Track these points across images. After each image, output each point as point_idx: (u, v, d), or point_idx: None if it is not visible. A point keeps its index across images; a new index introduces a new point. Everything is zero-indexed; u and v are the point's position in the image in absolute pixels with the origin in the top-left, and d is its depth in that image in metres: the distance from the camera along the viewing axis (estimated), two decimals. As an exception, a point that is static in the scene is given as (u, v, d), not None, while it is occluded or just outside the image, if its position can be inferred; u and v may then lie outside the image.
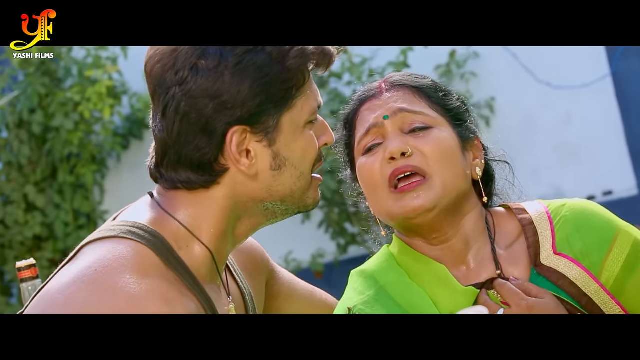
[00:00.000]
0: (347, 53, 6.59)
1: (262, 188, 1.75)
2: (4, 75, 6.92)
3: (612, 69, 6.55)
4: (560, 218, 1.93)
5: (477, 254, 1.93)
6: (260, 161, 1.73)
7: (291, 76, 1.72)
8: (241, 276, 1.93)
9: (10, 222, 6.95)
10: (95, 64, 6.80)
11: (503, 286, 1.87)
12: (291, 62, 1.72)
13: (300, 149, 1.76)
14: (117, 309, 1.58)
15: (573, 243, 1.90)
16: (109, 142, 6.94)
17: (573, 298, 1.87)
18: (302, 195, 1.79)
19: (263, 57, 1.70)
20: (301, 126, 1.76)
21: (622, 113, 6.55)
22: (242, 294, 1.90)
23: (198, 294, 1.71)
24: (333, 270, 6.70)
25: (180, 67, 1.70)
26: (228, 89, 1.69)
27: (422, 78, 1.99)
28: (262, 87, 1.70)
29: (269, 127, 1.72)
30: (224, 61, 1.69)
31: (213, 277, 1.78)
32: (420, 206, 1.87)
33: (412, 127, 1.91)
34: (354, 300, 1.91)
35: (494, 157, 2.02)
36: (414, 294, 1.90)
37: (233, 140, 1.70)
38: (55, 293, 1.63)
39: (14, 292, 7.11)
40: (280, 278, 2.10)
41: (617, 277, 1.88)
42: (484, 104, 6.64)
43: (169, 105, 1.70)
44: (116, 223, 1.74)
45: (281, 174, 1.75)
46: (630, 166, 6.53)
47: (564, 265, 1.89)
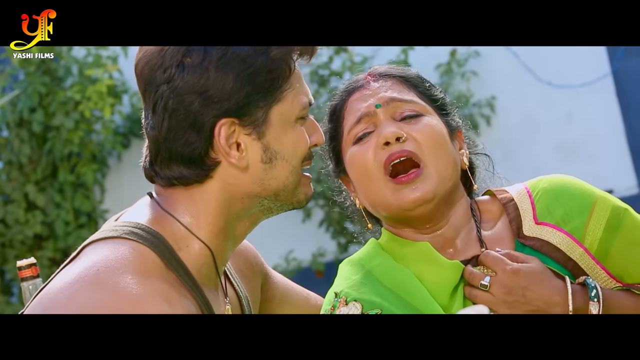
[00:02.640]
0: (347, 52, 6.59)
1: (255, 182, 1.75)
2: (5, 74, 6.92)
3: (612, 68, 6.55)
4: (539, 191, 1.96)
5: (463, 238, 1.95)
6: (251, 154, 1.74)
7: (276, 66, 1.73)
8: (237, 280, 1.94)
9: (11, 221, 6.95)
10: (96, 63, 6.80)
11: (487, 255, 1.89)
12: (275, 52, 1.72)
13: (291, 143, 1.77)
14: (119, 309, 1.58)
15: (553, 211, 1.93)
16: (110, 141, 6.94)
17: (559, 263, 1.89)
18: (294, 190, 1.79)
19: (246, 49, 1.72)
20: (292, 120, 1.76)
21: (623, 112, 6.55)
22: (238, 297, 1.91)
23: (197, 296, 1.71)
24: (334, 269, 6.67)
25: (167, 66, 1.71)
26: (213, 83, 1.70)
27: (407, 69, 2.02)
28: (247, 78, 1.71)
29: (257, 120, 1.73)
30: (208, 56, 1.70)
31: (212, 279, 1.78)
32: (420, 198, 1.88)
33: (403, 115, 1.93)
34: (341, 286, 1.93)
35: (475, 151, 2.05)
36: (398, 273, 1.91)
37: (221, 133, 1.71)
38: (57, 292, 1.63)
39: (15, 291, 7.11)
40: (275, 282, 2.11)
41: (601, 240, 1.90)
42: (485, 102, 6.64)
43: (158, 103, 1.72)
44: (118, 223, 1.74)
45: (273, 168, 1.76)
46: (630, 165, 6.53)
47: (547, 232, 1.91)
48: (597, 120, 6.57)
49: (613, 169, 6.53)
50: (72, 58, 6.93)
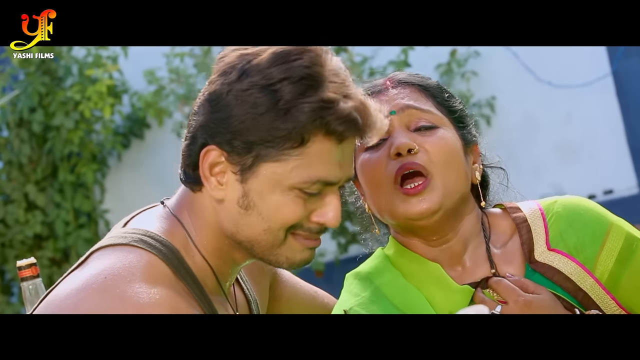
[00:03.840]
0: (347, 52, 6.59)
1: (229, 220, 1.70)
2: (4, 74, 6.92)
3: (612, 68, 6.55)
4: (553, 214, 1.93)
5: (472, 253, 1.93)
6: (230, 191, 1.69)
7: (289, 126, 1.64)
8: (247, 283, 1.92)
9: (11, 221, 6.95)
10: (96, 63, 6.79)
11: (499, 283, 1.87)
12: (296, 115, 1.64)
13: (274, 206, 1.68)
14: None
15: (567, 238, 1.91)
16: (110, 141, 6.93)
17: (569, 293, 1.88)
18: (270, 249, 1.71)
19: (268, 95, 1.64)
20: (285, 186, 1.67)
21: (623, 112, 6.55)
22: (248, 302, 1.89)
23: (205, 306, 1.69)
24: (333, 269, 6.69)
25: (218, 70, 1.69)
26: (223, 107, 1.66)
27: (427, 78, 1.99)
28: (250, 121, 1.65)
29: (244, 165, 1.67)
30: (239, 81, 1.65)
31: (219, 289, 1.76)
32: (427, 209, 1.86)
33: (418, 125, 1.91)
34: (350, 303, 1.91)
35: (490, 164, 2.03)
36: (409, 293, 1.89)
37: (206, 158, 1.68)
38: (63, 299, 1.62)
39: (15, 291, 7.11)
40: (283, 281, 2.08)
41: (612, 271, 1.88)
42: (485, 103, 6.63)
43: None
44: (128, 230, 1.72)
45: (248, 216, 1.69)
46: (631, 165, 6.53)
47: (559, 261, 1.89)
48: (597, 120, 6.56)
49: (613, 169, 6.53)
50: (72, 58, 6.93)
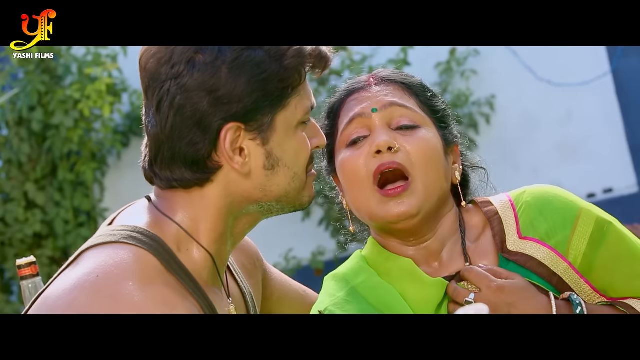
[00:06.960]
0: (347, 51, 6.59)
1: (256, 187, 1.73)
2: (4, 73, 6.92)
3: (612, 67, 6.55)
4: (523, 204, 1.94)
5: (449, 250, 1.93)
6: (254, 160, 1.72)
7: (288, 75, 1.71)
8: (241, 276, 1.92)
9: (10, 219, 6.95)
10: (95, 62, 6.80)
11: (471, 271, 1.88)
12: (289, 62, 1.70)
13: (293, 150, 1.75)
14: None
15: (537, 225, 1.91)
16: (109, 139, 6.94)
17: (543, 279, 1.88)
18: (297, 195, 1.78)
19: (261, 54, 1.69)
20: (294, 126, 1.74)
21: (623, 111, 6.55)
22: (242, 294, 1.89)
23: (199, 298, 1.69)
24: (333, 268, 6.68)
25: (176, 61, 1.68)
26: (224, 83, 1.67)
27: (411, 77, 2.00)
28: (259, 84, 1.68)
29: (263, 126, 1.70)
30: (222, 56, 1.67)
31: (214, 280, 1.76)
32: (405, 212, 1.87)
33: (399, 125, 1.91)
34: (325, 303, 1.92)
35: (471, 164, 2.03)
36: (383, 291, 1.90)
37: (227, 137, 1.69)
38: (56, 299, 1.61)
39: (14, 289, 7.11)
40: (274, 279, 2.09)
41: (585, 253, 1.88)
42: (485, 101, 6.64)
43: (164, 99, 1.68)
44: (116, 227, 1.72)
45: (274, 174, 1.74)
46: (630, 164, 6.54)
47: (531, 247, 1.90)
48: (597, 119, 6.57)
49: (612, 167, 6.53)
50: (72, 57, 6.93)
